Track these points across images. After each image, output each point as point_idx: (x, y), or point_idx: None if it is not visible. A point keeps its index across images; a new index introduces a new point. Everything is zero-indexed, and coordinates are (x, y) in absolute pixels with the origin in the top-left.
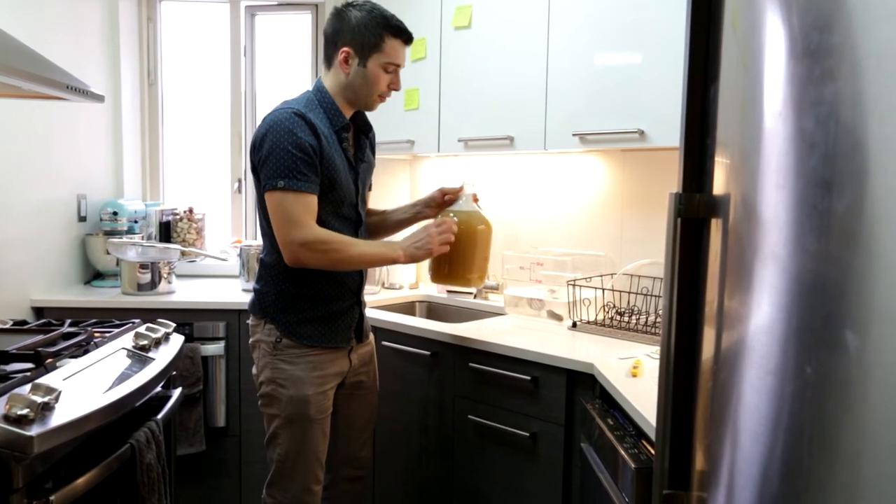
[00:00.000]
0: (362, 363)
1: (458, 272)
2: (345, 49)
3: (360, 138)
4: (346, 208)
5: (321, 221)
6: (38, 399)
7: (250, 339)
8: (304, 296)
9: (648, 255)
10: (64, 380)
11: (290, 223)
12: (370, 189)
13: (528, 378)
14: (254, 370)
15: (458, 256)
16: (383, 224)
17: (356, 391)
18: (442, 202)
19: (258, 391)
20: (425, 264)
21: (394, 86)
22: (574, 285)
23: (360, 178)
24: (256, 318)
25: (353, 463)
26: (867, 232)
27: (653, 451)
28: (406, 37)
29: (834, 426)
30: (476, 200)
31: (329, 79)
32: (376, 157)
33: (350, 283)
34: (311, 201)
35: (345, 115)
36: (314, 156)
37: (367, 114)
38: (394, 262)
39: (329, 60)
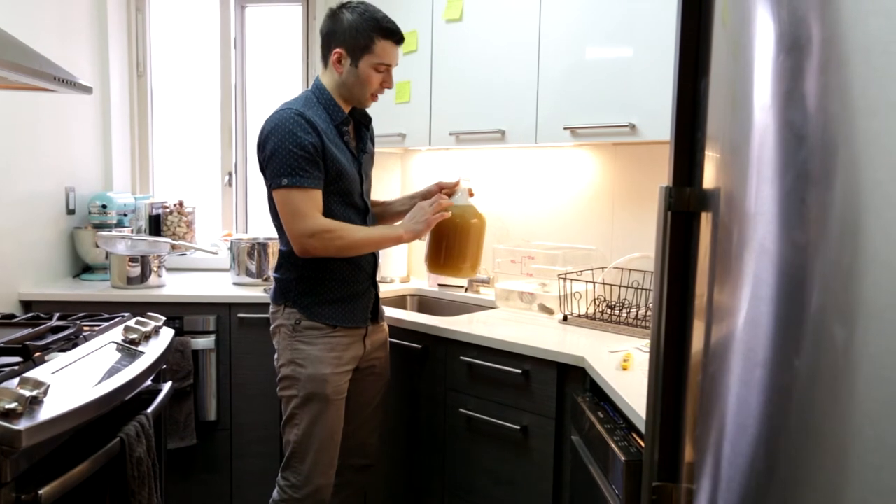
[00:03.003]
0: (374, 348)
1: (453, 262)
2: (337, 50)
3: (360, 130)
4: (355, 197)
5: (332, 212)
6: (27, 393)
7: (271, 327)
8: (323, 278)
9: (639, 248)
10: (52, 374)
11: (296, 217)
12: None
13: (520, 371)
14: (275, 357)
15: (453, 247)
16: (383, 214)
17: (368, 376)
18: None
19: (278, 375)
20: (421, 255)
21: (386, 84)
22: (565, 279)
23: (363, 168)
24: (276, 305)
25: (362, 451)
26: (855, 225)
27: (642, 444)
28: (397, 38)
29: (821, 418)
30: (471, 195)
31: (326, 77)
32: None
33: (366, 265)
34: (316, 195)
35: (343, 109)
36: (316, 153)
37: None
38: (398, 240)
39: (325, 60)
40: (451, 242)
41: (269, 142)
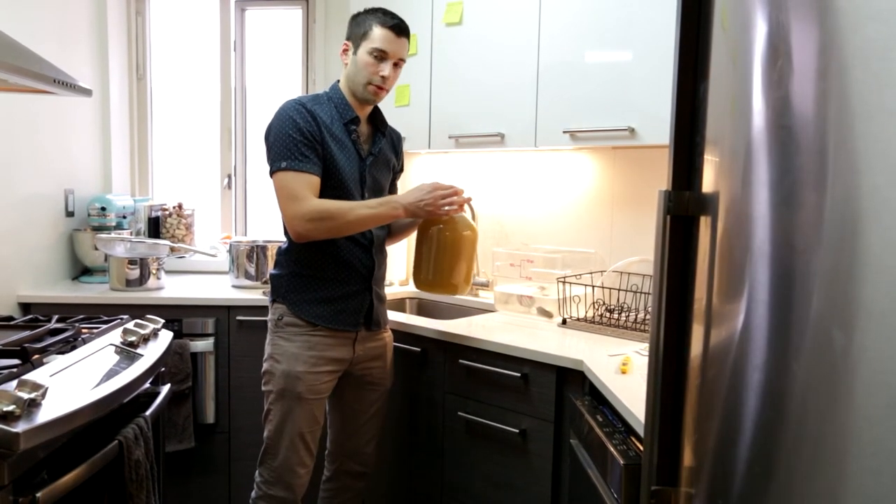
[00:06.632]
0: (371, 357)
1: (444, 278)
2: (345, 42)
3: (375, 135)
4: (356, 198)
5: None
6: (25, 395)
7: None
8: (313, 276)
9: (638, 252)
10: (51, 376)
11: (291, 199)
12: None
13: (518, 375)
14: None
15: (443, 261)
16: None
17: (365, 384)
18: None
19: (262, 369)
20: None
21: (381, 72)
22: (564, 282)
23: (367, 170)
24: (269, 303)
25: (357, 458)
26: (853, 230)
27: (641, 448)
28: (393, 26)
29: (820, 422)
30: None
31: (341, 75)
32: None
33: (359, 266)
34: (313, 180)
35: (354, 109)
36: (314, 140)
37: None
38: (395, 218)
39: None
40: (441, 256)
41: (272, 131)
